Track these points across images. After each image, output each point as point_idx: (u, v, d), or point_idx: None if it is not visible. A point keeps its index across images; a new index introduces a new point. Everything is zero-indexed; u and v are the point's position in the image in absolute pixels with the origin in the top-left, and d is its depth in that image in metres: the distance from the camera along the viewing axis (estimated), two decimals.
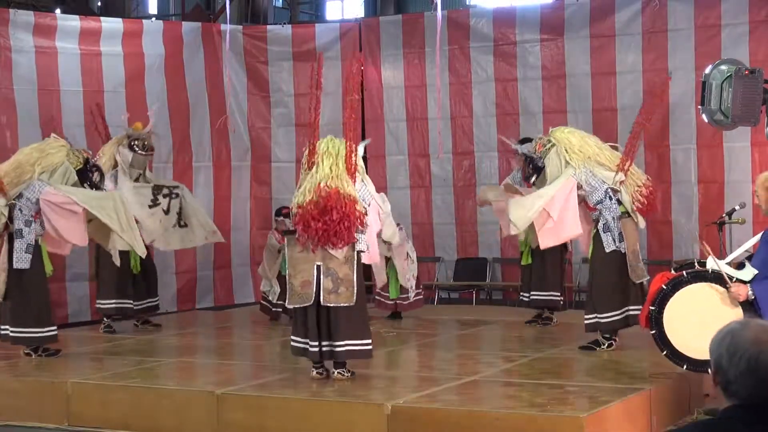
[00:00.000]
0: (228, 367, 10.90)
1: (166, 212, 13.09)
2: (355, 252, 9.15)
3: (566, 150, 10.75)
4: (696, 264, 8.52)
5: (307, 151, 9.29)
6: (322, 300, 9.06)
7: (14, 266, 10.84)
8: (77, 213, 10.93)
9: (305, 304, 9.10)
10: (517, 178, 12.84)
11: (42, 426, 9.37)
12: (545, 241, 10.96)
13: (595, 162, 10.65)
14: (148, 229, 12.86)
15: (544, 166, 11.02)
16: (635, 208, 10.61)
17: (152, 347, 12.10)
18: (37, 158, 10.92)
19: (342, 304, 9.08)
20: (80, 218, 10.96)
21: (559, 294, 12.61)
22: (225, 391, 8.97)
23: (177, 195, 13.20)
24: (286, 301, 9.34)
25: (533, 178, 11.49)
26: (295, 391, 9.04)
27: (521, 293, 12.90)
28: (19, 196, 10.86)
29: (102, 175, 11.59)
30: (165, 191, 13.08)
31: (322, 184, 8.97)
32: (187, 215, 13.28)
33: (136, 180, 13.03)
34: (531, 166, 11.47)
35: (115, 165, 12.94)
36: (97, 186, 11.37)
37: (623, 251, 10.50)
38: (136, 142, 12.95)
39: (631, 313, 10.52)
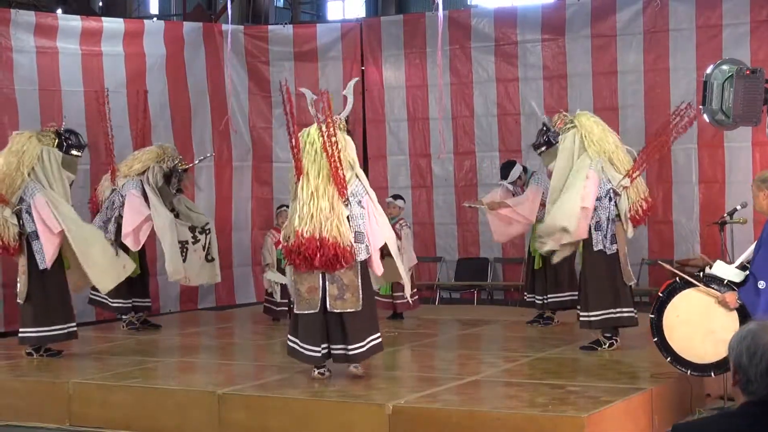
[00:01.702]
0: (229, 367, 10.91)
1: (204, 248, 13.07)
2: (359, 261, 9.18)
3: (585, 137, 10.60)
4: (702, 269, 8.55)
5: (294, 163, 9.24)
6: (328, 306, 9.09)
7: (39, 267, 10.88)
8: (53, 233, 10.86)
9: (312, 311, 9.12)
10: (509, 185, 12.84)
11: (43, 426, 9.38)
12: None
13: (607, 159, 10.57)
14: (192, 268, 12.85)
15: (556, 142, 10.91)
16: (630, 217, 10.58)
17: (153, 347, 12.11)
18: (17, 162, 10.88)
19: (348, 310, 9.12)
20: (54, 240, 10.87)
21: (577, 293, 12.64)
22: (226, 391, 8.97)
23: (209, 231, 13.17)
24: (294, 307, 9.32)
25: (542, 149, 11.38)
26: (296, 391, 9.03)
27: (532, 295, 12.79)
28: (21, 200, 10.90)
29: (77, 135, 11.43)
30: (199, 229, 13.02)
31: (301, 231, 8.90)
32: (212, 250, 13.24)
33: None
34: (545, 137, 11.34)
35: (143, 172, 12.86)
36: (80, 146, 11.31)
37: (609, 253, 10.48)
38: (173, 180, 12.88)
39: (624, 314, 10.52)
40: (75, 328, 11.30)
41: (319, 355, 9.20)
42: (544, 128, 11.40)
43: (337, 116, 9.30)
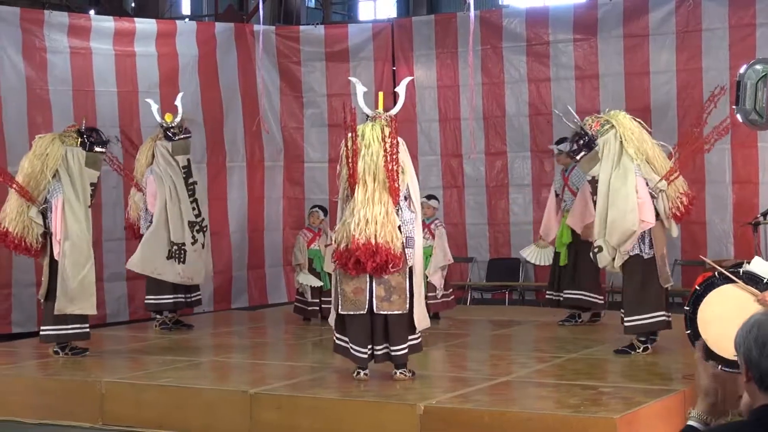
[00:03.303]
0: (261, 366, 10.94)
1: (203, 246, 13.19)
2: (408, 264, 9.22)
3: (624, 137, 10.34)
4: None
5: (345, 172, 9.20)
6: (375, 308, 9.11)
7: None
8: (55, 238, 10.98)
9: (358, 312, 9.13)
10: (559, 182, 12.71)
11: (76, 425, 9.44)
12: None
13: (645, 158, 10.36)
14: (193, 268, 13.02)
15: (596, 146, 10.44)
16: (671, 215, 10.44)
17: (186, 347, 12.14)
18: (41, 164, 11.01)
19: (395, 312, 9.13)
20: (56, 245, 11.00)
21: (600, 296, 12.55)
22: (258, 390, 8.99)
23: (206, 227, 13.28)
24: (339, 307, 9.30)
25: (581, 154, 10.63)
26: (327, 391, 9.06)
27: (555, 293, 12.76)
28: (45, 200, 11.03)
29: (98, 132, 11.51)
30: (196, 227, 13.12)
31: (357, 235, 8.87)
32: (208, 246, 13.38)
33: (185, 168, 13.12)
34: (582, 142, 10.59)
35: (152, 161, 13.12)
36: (103, 142, 11.40)
37: (646, 257, 10.39)
38: (171, 130, 13.07)
39: (658, 319, 10.42)
40: (88, 329, 11.36)
41: (366, 356, 9.23)
42: (581, 132, 10.68)
43: (388, 114, 9.32)
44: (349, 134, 9.02)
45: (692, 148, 10.82)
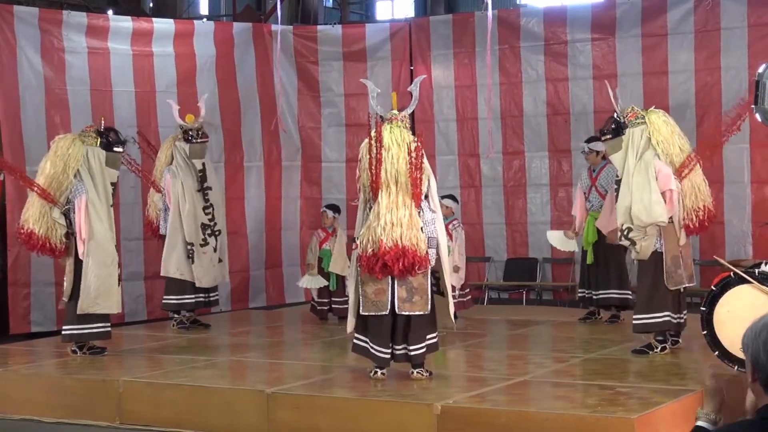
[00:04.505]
0: (278, 366, 10.93)
1: (215, 250, 13.24)
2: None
3: (651, 137, 10.33)
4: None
5: (367, 177, 9.19)
6: (397, 309, 9.12)
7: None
8: (80, 237, 11.00)
9: (381, 313, 9.14)
10: (586, 182, 12.66)
11: (94, 424, 9.46)
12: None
13: (669, 161, 10.32)
14: (202, 270, 13.10)
15: (623, 134, 10.44)
16: (683, 225, 10.35)
17: (203, 346, 12.16)
18: (63, 165, 11.03)
19: (417, 313, 9.15)
20: (80, 245, 11.03)
21: (629, 291, 12.51)
22: (275, 390, 9.00)
23: (219, 232, 13.32)
24: (360, 308, 9.29)
25: (608, 137, 10.65)
26: (345, 390, 9.07)
27: (588, 291, 12.75)
28: (68, 201, 11.06)
29: (117, 132, 11.52)
30: (208, 231, 13.17)
31: (383, 238, 8.89)
32: (222, 251, 13.41)
33: (201, 171, 13.16)
34: (613, 126, 10.62)
35: (171, 161, 13.20)
36: (121, 142, 11.42)
37: (660, 251, 10.36)
38: (190, 132, 13.13)
39: (662, 319, 10.35)
40: (110, 328, 11.39)
41: (387, 356, 9.25)
42: (615, 116, 10.73)
43: (402, 113, 9.33)
44: (374, 144, 9.01)
45: (709, 152, 10.74)
